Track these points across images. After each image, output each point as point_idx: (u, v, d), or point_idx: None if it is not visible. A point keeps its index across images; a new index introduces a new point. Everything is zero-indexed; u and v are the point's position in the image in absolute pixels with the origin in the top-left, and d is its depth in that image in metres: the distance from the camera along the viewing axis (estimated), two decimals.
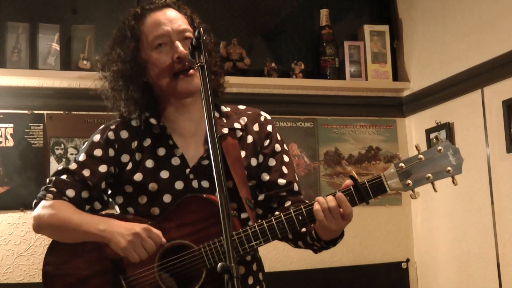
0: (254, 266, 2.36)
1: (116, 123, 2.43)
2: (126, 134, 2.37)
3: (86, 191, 2.31)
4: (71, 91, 4.21)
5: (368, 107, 4.81)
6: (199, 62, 1.97)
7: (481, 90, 4.02)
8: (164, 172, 2.28)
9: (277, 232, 2.14)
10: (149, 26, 2.34)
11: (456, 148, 2.13)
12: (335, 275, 4.49)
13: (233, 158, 2.30)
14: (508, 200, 3.80)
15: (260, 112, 2.49)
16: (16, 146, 4.05)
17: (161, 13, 2.36)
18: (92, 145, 2.36)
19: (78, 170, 2.31)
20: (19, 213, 4.01)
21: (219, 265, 1.70)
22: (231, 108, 2.47)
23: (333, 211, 2.09)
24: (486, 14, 3.99)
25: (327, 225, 2.12)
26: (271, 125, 2.46)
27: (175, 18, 2.34)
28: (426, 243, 4.62)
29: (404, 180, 2.12)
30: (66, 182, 2.30)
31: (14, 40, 4.13)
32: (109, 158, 2.33)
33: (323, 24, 4.75)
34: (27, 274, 3.97)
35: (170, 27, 2.31)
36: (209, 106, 1.89)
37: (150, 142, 2.33)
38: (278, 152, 2.42)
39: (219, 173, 1.82)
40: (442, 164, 2.12)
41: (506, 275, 3.83)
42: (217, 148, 1.83)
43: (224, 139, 2.33)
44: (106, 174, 2.32)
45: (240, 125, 2.40)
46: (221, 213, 1.77)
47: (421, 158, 2.12)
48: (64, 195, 2.28)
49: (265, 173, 2.39)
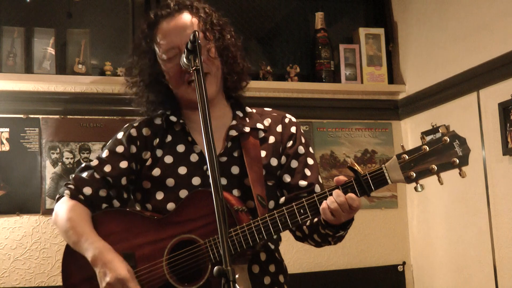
0: (272, 267, 2.36)
1: (140, 121, 2.50)
2: (149, 132, 2.43)
3: (104, 189, 2.37)
4: (66, 95, 4.20)
5: (363, 110, 4.81)
6: (195, 65, 1.99)
7: (477, 92, 4.02)
8: (182, 168, 2.32)
9: (279, 226, 2.14)
10: (160, 37, 2.37)
11: (463, 138, 2.04)
12: (331, 279, 4.49)
13: (251, 156, 2.33)
14: (505, 203, 3.81)
15: (285, 115, 2.52)
16: (12, 151, 4.04)
17: (172, 21, 2.37)
18: (115, 142, 2.45)
19: (99, 166, 2.39)
20: (15, 217, 4.00)
21: (215, 268, 1.72)
22: (256, 110, 2.51)
23: (343, 206, 2.07)
24: (481, 17, 4.00)
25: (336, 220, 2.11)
26: (295, 127, 2.48)
27: (185, 27, 2.35)
28: (422, 246, 4.62)
29: (406, 171, 2.04)
30: (84, 180, 2.38)
31: (9, 45, 4.12)
32: (131, 154, 2.40)
33: (319, 27, 4.75)
34: (23, 278, 3.96)
35: (179, 38, 2.33)
36: (204, 109, 1.92)
37: (170, 138, 2.39)
38: (301, 154, 2.43)
39: (214, 177, 1.84)
40: (448, 155, 2.03)
41: (503, 278, 3.84)
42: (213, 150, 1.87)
43: (245, 138, 2.37)
44: (127, 170, 2.39)
45: (263, 125, 2.43)
46: (217, 216, 1.79)
47: (425, 148, 2.03)
48: (81, 193, 2.36)
49: (286, 174, 2.40)
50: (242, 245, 2.13)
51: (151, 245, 2.23)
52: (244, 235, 2.13)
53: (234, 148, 2.36)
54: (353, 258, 4.58)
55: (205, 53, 2.33)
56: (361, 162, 4.73)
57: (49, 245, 4.03)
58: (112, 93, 4.28)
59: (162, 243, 2.22)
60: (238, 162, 2.33)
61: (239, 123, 2.40)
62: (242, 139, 2.36)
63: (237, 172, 2.32)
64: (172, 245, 2.21)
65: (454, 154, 2.03)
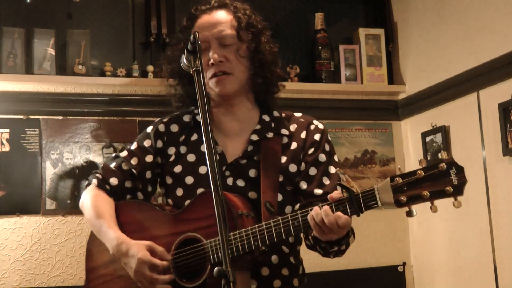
0: (285, 270, 2.35)
1: (170, 116, 2.54)
2: (176, 128, 2.48)
3: (130, 181, 2.46)
4: (66, 96, 4.20)
5: (363, 111, 4.81)
6: (195, 66, 2.02)
7: (477, 93, 4.02)
8: (203, 168, 2.36)
9: (273, 234, 2.13)
10: (194, 31, 2.39)
11: (460, 166, 1.95)
12: (331, 279, 4.49)
13: (269, 162, 2.34)
14: (505, 203, 3.80)
15: (312, 121, 2.50)
16: (12, 151, 4.04)
17: (209, 17, 2.43)
18: (144, 136, 2.52)
19: (127, 158, 2.47)
20: (15, 218, 4.00)
21: (215, 269, 1.74)
22: (285, 114, 2.51)
23: (331, 224, 2.03)
24: (481, 17, 4.00)
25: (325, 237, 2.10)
26: (319, 134, 2.46)
27: (219, 23, 2.40)
28: (422, 246, 4.62)
29: (397, 195, 1.95)
30: (112, 170, 2.47)
31: (10, 45, 4.12)
32: (157, 149, 2.46)
33: (318, 28, 4.75)
34: (23, 279, 3.96)
35: (210, 32, 2.38)
36: (204, 110, 1.94)
37: (196, 137, 2.44)
38: (321, 162, 2.40)
39: (215, 178, 1.87)
40: (442, 183, 1.94)
41: (503, 279, 3.83)
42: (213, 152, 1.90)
43: (267, 143, 2.39)
44: (152, 164, 2.46)
45: (288, 131, 2.44)
46: (217, 217, 1.82)
47: (420, 173, 1.94)
48: (107, 183, 2.46)
49: (303, 181, 2.38)
50: (239, 250, 2.13)
51: (162, 239, 2.29)
52: (241, 240, 2.14)
53: (254, 152, 2.37)
54: (353, 259, 4.58)
55: (234, 52, 2.37)
56: (361, 162, 4.73)
57: (49, 246, 4.03)
58: (112, 94, 4.28)
59: (171, 238, 2.28)
60: (256, 166, 2.35)
61: (263, 128, 2.42)
62: (263, 144, 2.38)
63: (254, 175, 2.34)
64: (179, 241, 2.26)
65: (448, 182, 1.94)
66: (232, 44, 2.37)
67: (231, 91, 2.38)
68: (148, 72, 4.35)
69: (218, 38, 2.37)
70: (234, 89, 2.38)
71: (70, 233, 4.08)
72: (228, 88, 2.36)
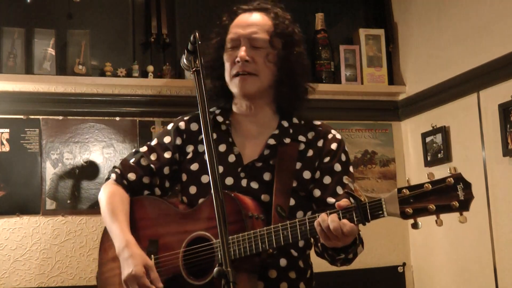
0: (293, 274, 2.36)
1: (191, 115, 2.57)
2: (196, 127, 2.51)
3: (148, 176, 2.50)
4: (66, 96, 4.21)
5: (363, 111, 4.81)
6: (195, 67, 2.03)
7: (477, 93, 4.02)
8: (219, 167, 2.36)
9: (281, 238, 2.15)
10: (231, 28, 2.47)
11: (468, 182, 1.98)
12: (331, 280, 4.48)
13: (284, 167, 2.37)
14: (505, 204, 3.80)
15: (330, 130, 2.51)
16: (12, 151, 4.04)
17: (247, 16, 2.47)
18: (164, 132, 2.57)
19: (146, 153, 2.52)
20: (15, 218, 4.00)
21: (215, 269, 1.77)
22: (304, 122, 2.52)
23: (335, 231, 2.05)
24: (481, 18, 4.00)
25: (330, 243, 2.12)
26: (336, 144, 2.46)
27: (254, 24, 2.43)
28: (422, 247, 4.62)
29: (403, 207, 1.98)
30: (130, 166, 2.52)
31: (10, 45, 4.13)
32: (175, 146, 2.50)
33: (319, 28, 4.75)
34: (23, 279, 3.96)
35: (244, 31, 2.41)
36: (204, 110, 1.97)
37: (215, 137, 2.44)
38: (336, 172, 2.42)
39: (215, 179, 1.89)
40: (449, 197, 1.97)
41: (503, 279, 3.83)
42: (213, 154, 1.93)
43: (284, 148, 2.41)
44: (170, 160, 2.50)
45: (305, 138, 2.45)
46: (217, 219, 1.85)
47: (428, 186, 1.96)
48: (125, 178, 2.50)
49: (317, 189, 2.40)
50: (247, 251, 2.15)
51: (174, 236, 2.33)
52: (249, 241, 2.16)
53: (271, 156, 2.39)
54: None
55: (263, 56, 2.39)
56: (361, 163, 4.73)
57: (49, 246, 4.03)
58: (112, 94, 4.29)
59: (182, 235, 2.31)
60: (271, 170, 2.37)
61: (281, 133, 2.44)
62: (280, 149, 2.40)
63: (268, 179, 2.36)
64: (190, 239, 2.29)
65: (455, 197, 1.97)
66: (263, 48, 2.39)
67: (251, 92, 2.39)
68: (148, 72, 4.35)
69: (250, 39, 2.40)
70: (254, 91, 2.40)
71: (70, 233, 4.08)
72: (248, 88, 2.38)
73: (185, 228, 2.32)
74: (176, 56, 4.43)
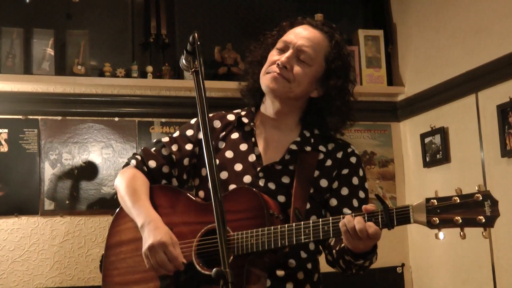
0: (301, 274, 2.40)
1: (215, 113, 2.60)
2: (219, 124, 2.55)
3: (168, 166, 2.52)
4: (65, 96, 4.21)
5: (362, 112, 4.80)
6: (194, 67, 2.05)
7: (476, 94, 4.03)
8: (238, 165, 2.42)
9: (301, 236, 2.17)
10: (289, 32, 2.52)
11: (496, 200, 2.01)
12: (330, 280, 4.47)
13: (303, 174, 2.40)
14: (503, 204, 3.78)
15: (350, 145, 2.60)
16: (11, 152, 4.04)
17: (306, 28, 2.51)
18: (187, 126, 2.60)
19: (168, 144, 2.54)
20: (13, 218, 4.00)
21: (214, 270, 1.78)
22: (325, 134, 2.56)
23: (361, 231, 2.08)
24: (480, 19, 4.01)
25: (353, 244, 2.13)
26: (356, 158, 2.54)
27: (309, 38, 2.46)
28: (421, 247, 4.63)
29: (431, 216, 2.05)
30: (151, 153, 2.53)
31: (9, 45, 4.13)
32: (197, 139, 2.53)
33: None
34: (21, 280, 3.96)
35: (296, 40, 2.45)
36: (203, 110, 1.99)
37: (237, 136, 2.51)
38: (354, 185, 2.47)
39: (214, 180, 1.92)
40: (475, 212, 2.01)
41: (501, 279, 3.84)
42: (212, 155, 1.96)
43: (304, 156, 2.45)
44: (190, 152, 2.52)
45: (325, 149, 2.50)
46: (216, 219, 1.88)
47: (456, 199, 2.02)
48: (146, 165, 2.52)
49: (334, 198, 2.44)
50: (264, 245, 2.17)
51: (189, 226, 2.35)
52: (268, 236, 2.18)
53: (291, 161, 2.43)
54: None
55: (303, 69, 2.42)
56: None
57: (47, 247, 4.03)
58: (111, 94, 4.29)
59: (198, 226, 2.32)
60: (290, 174, 2.40)
61: (303, 141, 2.47)
62: (300, 156, 2.44)
63: (286, 182, 2.39)
64: (206, 230, 2.30)
65: (481, 212, 2.01)
66: (306, 63, 2.42)
67: (277, 90, 2.41)
68: (148, 72, 4.35)
69: (299, 49, 2.43)
70: (280, 91, 2.42)
71: (69, 234, 4.08)
72: (277, 87, 2.40)
73: (202, 219, 2.33)
74: (175, 56, 4.43)
